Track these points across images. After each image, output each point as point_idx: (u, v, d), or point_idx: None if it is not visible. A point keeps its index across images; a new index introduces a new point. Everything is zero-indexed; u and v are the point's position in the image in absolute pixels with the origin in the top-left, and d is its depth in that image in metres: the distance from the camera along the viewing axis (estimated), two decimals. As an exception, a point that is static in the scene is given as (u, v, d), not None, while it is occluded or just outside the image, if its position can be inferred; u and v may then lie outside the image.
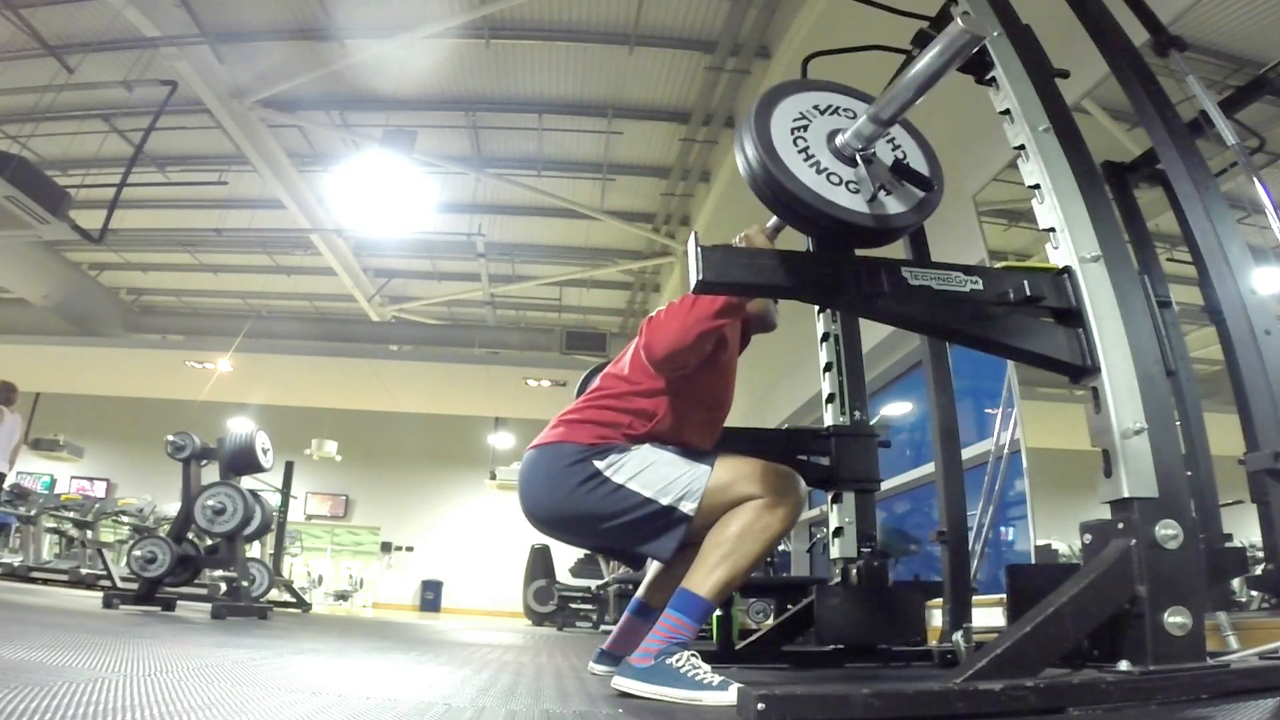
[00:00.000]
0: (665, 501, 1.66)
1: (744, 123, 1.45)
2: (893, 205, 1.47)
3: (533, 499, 1.82)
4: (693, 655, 1.55)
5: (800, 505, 1.69)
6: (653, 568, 2.08)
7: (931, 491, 3.88)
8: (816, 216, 1.41)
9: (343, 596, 12.91)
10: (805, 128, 1.48)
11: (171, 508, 6.29)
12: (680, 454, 1.72)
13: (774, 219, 1.68)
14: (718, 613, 2.93)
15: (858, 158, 1.45)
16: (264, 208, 9.72)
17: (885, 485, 3.24)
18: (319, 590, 12.00)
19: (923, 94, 1.41)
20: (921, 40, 2.15)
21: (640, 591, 2.07)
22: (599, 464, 1.71)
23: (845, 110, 1.56)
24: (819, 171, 1.43)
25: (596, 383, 1.93)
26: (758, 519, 1.61)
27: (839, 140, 1.47)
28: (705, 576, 1.60)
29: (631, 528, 1.69)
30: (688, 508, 1.65)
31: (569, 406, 1.89)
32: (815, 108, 1.54)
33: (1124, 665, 1.27)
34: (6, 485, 6.61)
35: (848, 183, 1.44)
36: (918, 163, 1.56)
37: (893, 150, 1.55)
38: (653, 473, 1.69)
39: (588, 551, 1.86)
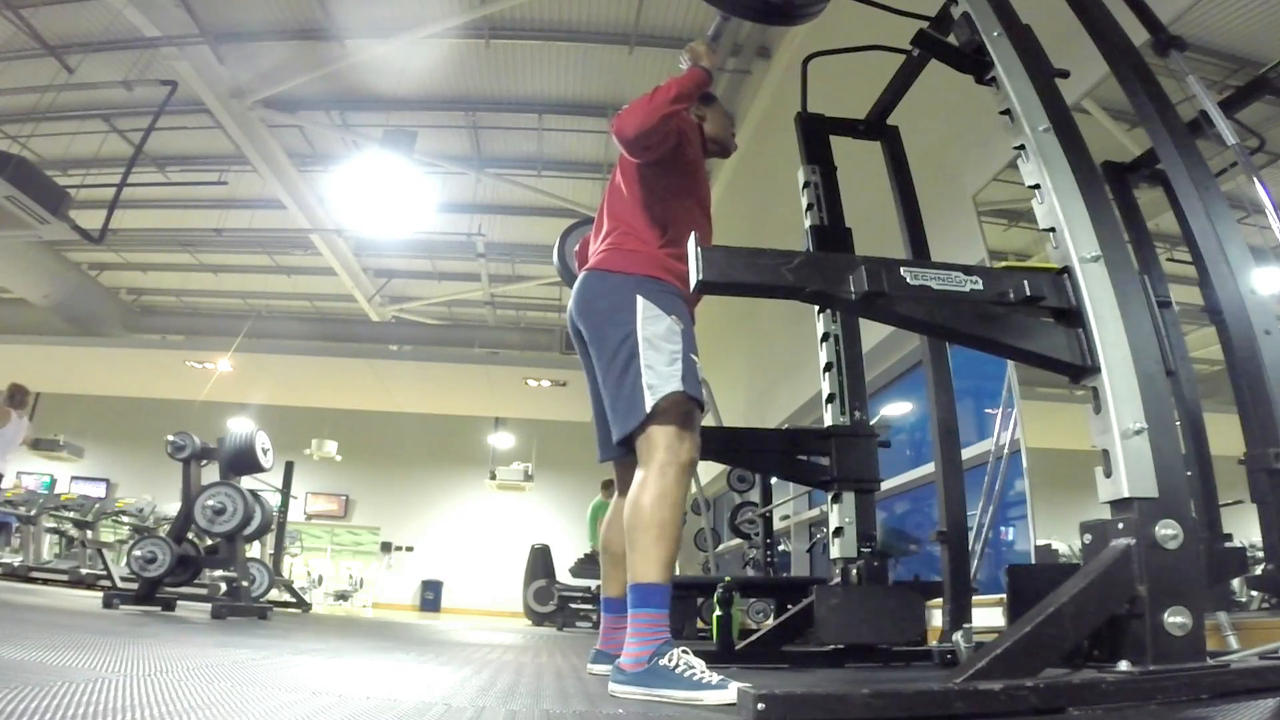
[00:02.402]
0: (645, 379, 1.75)
1: None
2: None
3: (579, 307, 1.96)
4: (684, 652, 1.55)
5: (690, 470, 1.76)
6: (602, 563, 2.16)
7: (931, 491, 3.88)
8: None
9: (343, 596, 12.91)
10: None
11: (171, 508, 6.29)
12: (685, 362, 1.77)
13: (710, 30, 2.06)
14: (717, 612, 2.93)
15: None
16: (264, 208, 9.72)
17: (885, 485, 3.24)
18: (319, 590, 11.99)
19: None
20: (922, 40, 2.15)
21: (603, 589, 2.14)
22: (640, 300, 1.82)
23: None
24: None
25: (601, 224, 2.05)
26: (651, 486, 1.68)
27: None
28: (646, 562, 1.65)
29: (615, 370, 1.80)
30: (648, 400, 1.72)
31: (602, 228, 2.04)
32: None
33: (1124, 665, 1.27)
34: (6, 485, 6.61)
35: None
36: None
37: None
38: (657, 351, 1.77)
39: (593, 374, 1.98)
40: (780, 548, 7.30)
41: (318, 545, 14.01)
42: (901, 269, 1.44)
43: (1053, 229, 1.56)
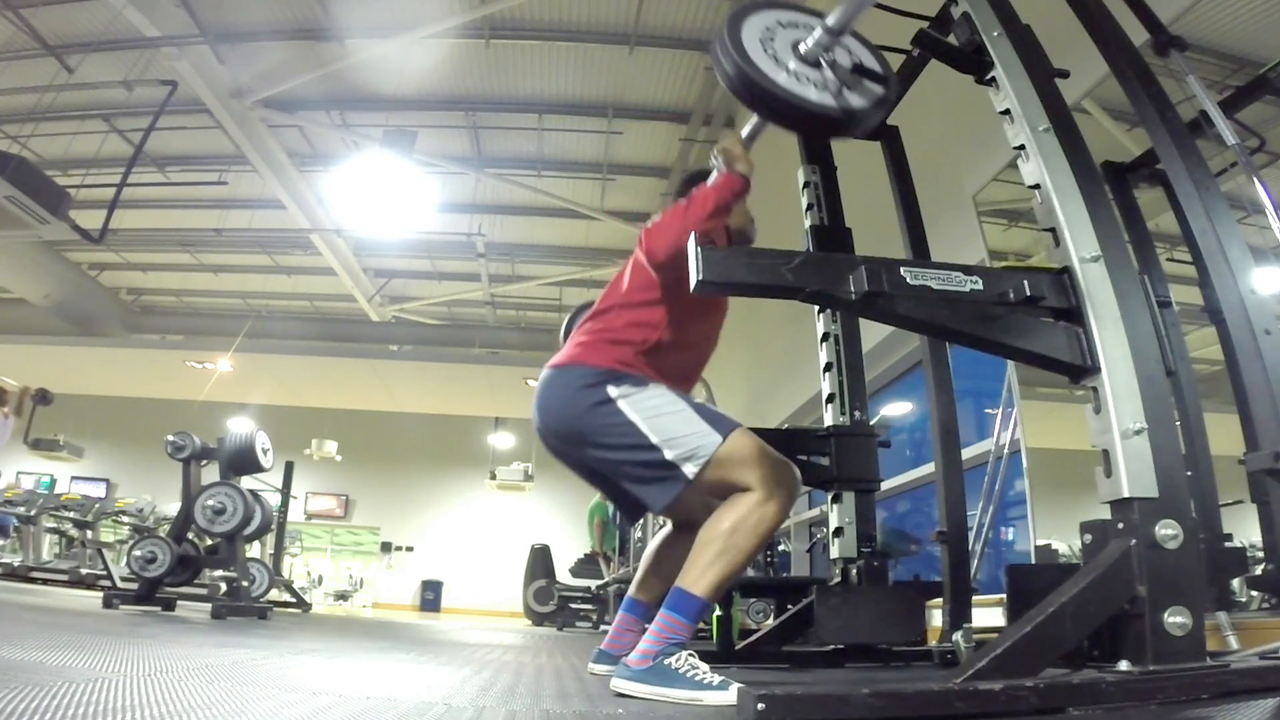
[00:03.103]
0: (669, 455, 1.65)
1: (718, 38, 1.62)
2: (856, 100, 1.65)
3: (545, 412, 1.82)
4: (691, 655, 1.54)
5: (794, 499, 1.69)
6: (642, 563, 2.08)
7: (931, 491, 3.88)
8: (790, 109, 1.60)
9: (343, 596, 12.91)
10: (772, 38, 1.66)
11: (171, 508, 6.28)
12: (699, 412, 1.71)
13: (748, 128, 1.86)
14: (717, 612, 2.93)
15: (821, 60, 1.63)
16: (264, 208, 9.73)
17: (885, 485, 3.24)
18: (319, 590, 11.99)
19: (866, 4, 1.63)
20: (922, 40, 2.15)
21: (632, 589, 2.06)
22: (613, 390, 1.72)
23: (804, 25, 1.74)
24: (788, 72, 1.61)
25: (591, 311, 1.95)
26: (751, 513, 1.60)
27: (803, 48, 1.64)
28: (700, 575, 1.59)
29: (630, 466, 1.70)
30: (689, 470, 1.64)
31: (579, 327, 1.92)
32: (778, 23, 1.71)
33: (1124, 665, 1.27)
34: (2, 484, 6.60)
35: (815, 82, 1.62)
36: (873, 66, 1.75)
37: (850, 56, 1.73)
38: (665, 421, 1.68)
39: (589, 479, 1.89)
40: (780, 548, 7.30)
41: (318, 545, 14.01)
42: (901, 269, 1.44)
43: (1053, 229, 1.56)
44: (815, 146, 2.93)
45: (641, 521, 6.04)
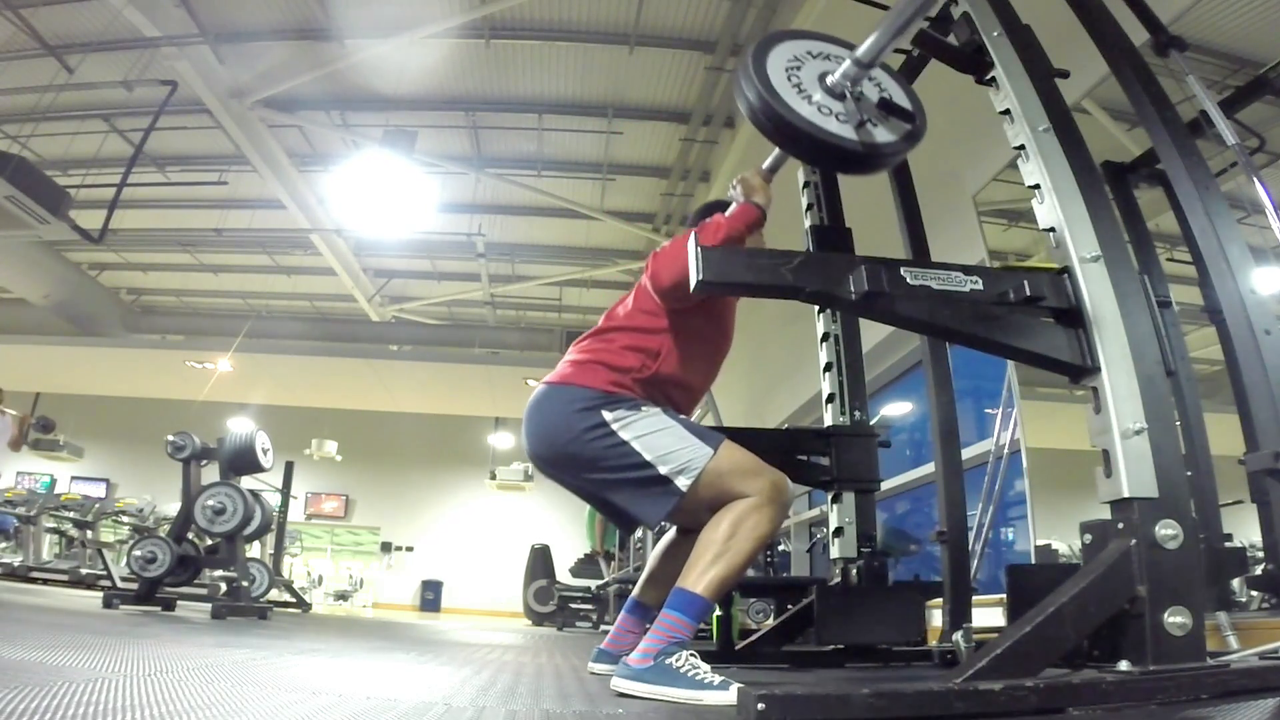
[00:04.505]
0: (663, 470, 1.67)
1: (742, 66, 1.58)
2: (881, 135, 1.61)
3: (537, 436, 1.83)
4: (692, 655, 1.55)
5: (788, 504, 1.71)
6: (647, 566, 2.09)
7: (931, 491, 3.89)
8: (813, 143, 1.56)
9: (343, 596, 12.91)
10: (799, 69, 1.63)
11: (171, 508, 6.29)
12: (689, 429, 1.73)
13: (769, 160, 1.81)
14: (717, 612, 2.93)
15: (847, 94, 1.60)
16: (264, 208, 9.72)
17: (885, 485, 3.24)
18: (319, 590, 11.99)
19: (897, 37, 1.58)
20: (922, 40, 2.15)
21: (635, 590, 2.08)
22: (607, 415, 1.72)
23: (833, 56, 1.70)
24: (812, 104, 1.57)
25: (593, 329, 1.93)
26: (748, 517, 1.62)
27: (829, 80, 1.61)
28: (701, 575, 1.61)
29: (625, 485, 1.72)
30: (682, 483, 1.66)
31: (578, 343, 1.90)
32: (807, 53, 1.67)
33: (1124, 665, 1.27)
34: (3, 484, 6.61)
35: (838, 114, 1.58)
36: (901, 101, 1.69)
37: (879, 90, 1.68)
38: (658, 439, 1.70)
39: (582, 496, 1.87)
40: (780, 548, 7.30)
41: (318, 545, 14.01)
42: (901, 269, 1.44)
43: (1053, 229, 1.56)
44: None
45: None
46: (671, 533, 2.09)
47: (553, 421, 1.79)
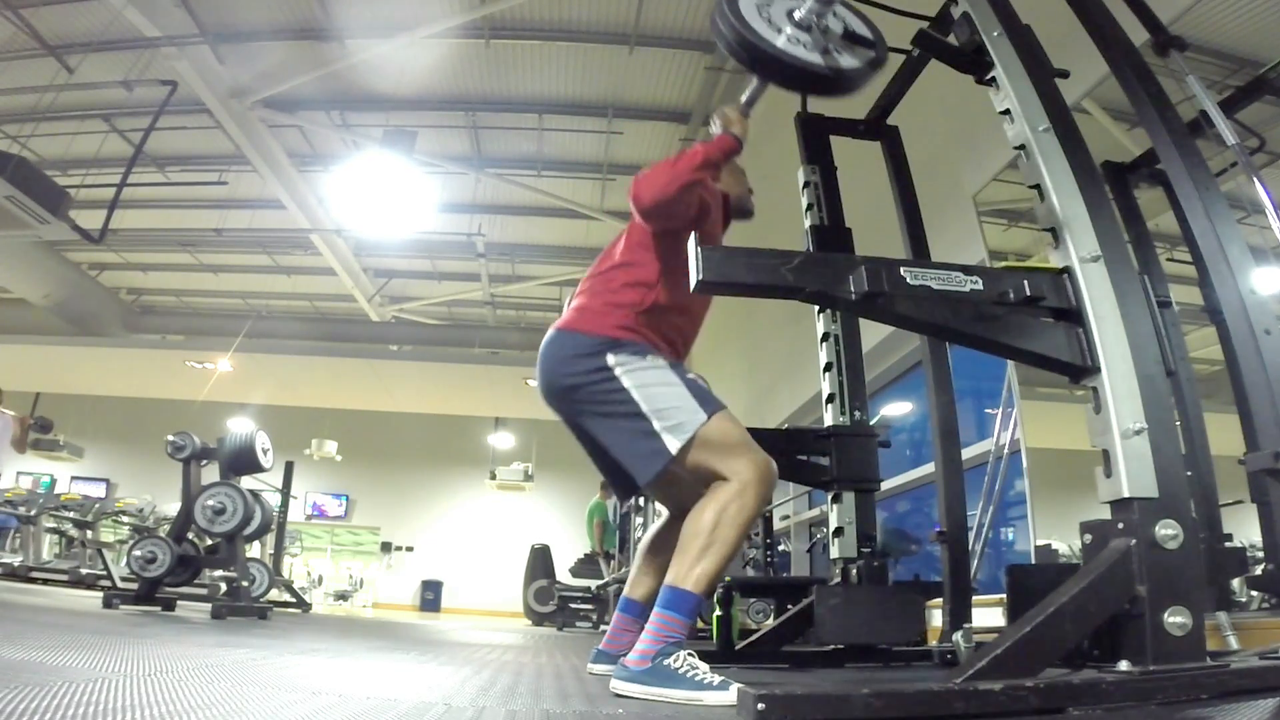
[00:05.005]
0: (656, 425, 1.69)
1: (719, 8, 1.73)
2: (846, 61, 1.79)
3: (547, 377, 1.88)
4: (690, 654, 1.54)
5: (771, 488, 1.72)
6: (634, 563, 2.10)
7: (931, 491, 3.88)
8: (786, 69, 1.71)
9: (343, 596, 12.91)
10: (769, 5, 1.78)
11: (171, 508, 6.29)
12: (690, 389, 1.74)
13: (745, 95, 1.94)
14: (717, 612, 2.93)
15: (814, 26, 1.77)
16: (264, 208, 9.73)
17: (885, 485, 3.24)
18: (319, 590, 11.99)
19: None
20: (922, 40, 2.15)
21: (626, 589, 2.08)
22: (611, 359, 1.76)
23: None
24: (783, 35, 1.73)
25: (590, 271, 1.99)
26: (730, 503, 1.63)
27: (797, 15, 1.76)
28: (689, 569, 1.61)
29: (621, 434, 1.75)
30: (673, 444, 1.67)
31: (582, 285, 1.96)
32: None
33: (1124, 665, 1.27)
34: (4, 485, 6.61)
35: (806, 44, 1.75)
36: (862, 31, 1.89)
37: (842, 23, 1.87)
38: (657, 392, 1.72)
39: (586, 446, 1.93)
40: (780, 548, 7.30)
41: (318, 545, 14.02)
42: (901, 269, 1.44)
43: (1053, 229, 1.56)
44: (815, 146, 2.93)
45: (640, 521, 6.04)
46: (657, 525, 2.11)
47: (560, 363, 1.84)
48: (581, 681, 1.88)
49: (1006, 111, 1.70)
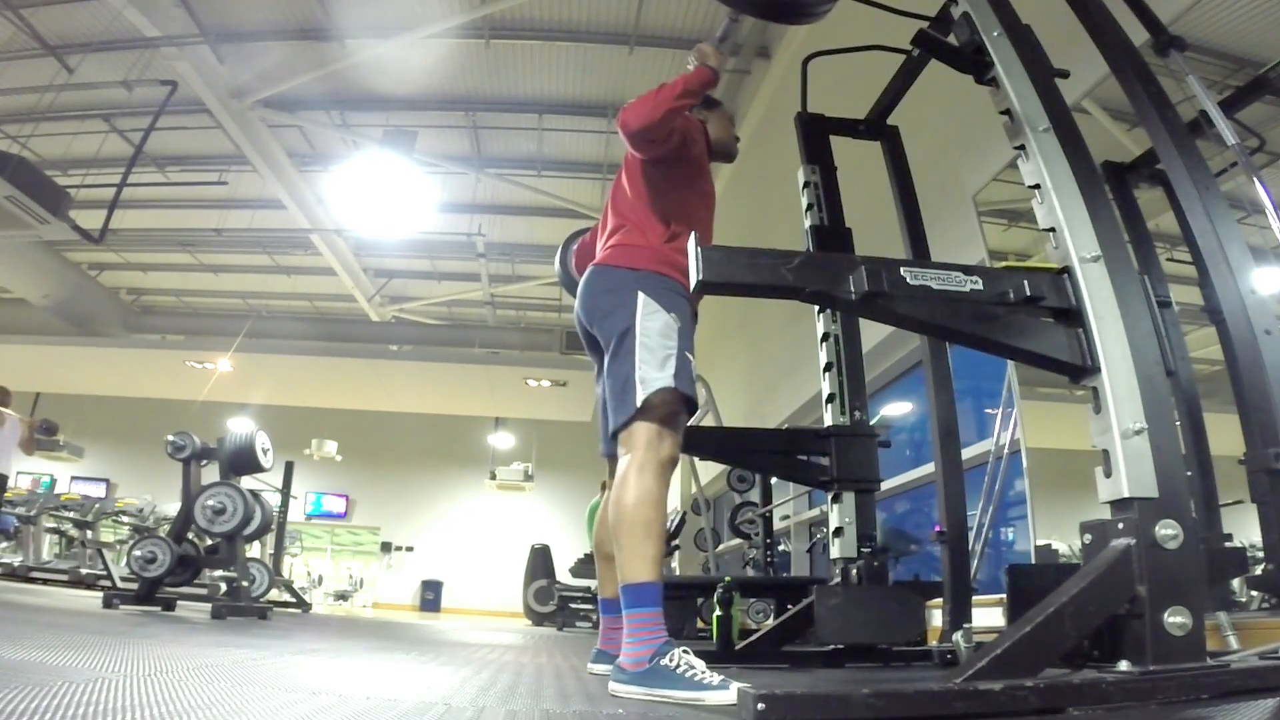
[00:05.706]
0: (636, 373, 1.75)
1: None
2: None
3: (585, 306, 1.98)
4: (685, 653, 1.54)
5: (668, 471, 1.75)
6: (597, 566, 2.16)
7: (931, 491, 3.88)
8: None
9: (343, 596, 12.91)
10: None
11: (171, 508, 6.29)
12: (679, 361, 1.78)
13: (719, 32, 2.06)
14: (717, 613, 2.93)
15: None
16: (264, 208, 9.73)
17: (885, 485, 3.24)
18: (319, 590, 11.99)
19: None
20: (922, 40, 2.15)
21: (599, 590, 2.15)
22: (641, 295, 1.83)
23: None
24: None
25: (611, 225, 2.05)
26: (633, 487, 1.68)
27: None
28: (634, 562, 1.64)
29: (615, 373, 1.81)
30: (637, 396, 1.73)
31: (609, 229, 2.05)
32: None
33: (1124, 665, 1.27)
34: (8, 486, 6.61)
35: None
36: None
37: None
38: (654, 342, 1.78)
39: (599, 368, 2.05)
40: (780, 548, 7.29)
41: (318, 545, 14.02)
42: (901, 269, 1.44)
43: (1053, 229, 1.56)
44: (815, 146, 2.93)
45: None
46: (602, 508, 2.14)
47: (595, 294, 1.94)
48: (581, 681, 1.88)
49: (1006, 111, 1.70)
